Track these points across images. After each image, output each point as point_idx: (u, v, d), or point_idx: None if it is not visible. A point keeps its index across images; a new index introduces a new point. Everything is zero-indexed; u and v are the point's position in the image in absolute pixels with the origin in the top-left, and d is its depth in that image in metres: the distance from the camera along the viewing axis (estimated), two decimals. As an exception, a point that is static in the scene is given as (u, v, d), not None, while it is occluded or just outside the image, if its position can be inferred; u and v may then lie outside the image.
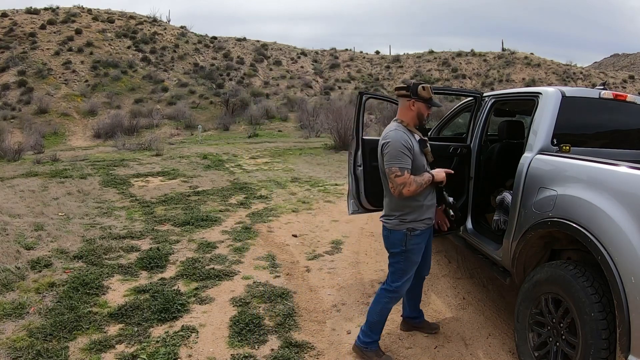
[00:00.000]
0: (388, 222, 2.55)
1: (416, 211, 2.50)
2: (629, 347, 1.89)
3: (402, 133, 2.43)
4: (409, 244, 2.49)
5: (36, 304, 3.18)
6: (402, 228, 2.49)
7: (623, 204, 2.01)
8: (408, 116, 2.53)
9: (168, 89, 24.07)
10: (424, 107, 2.52)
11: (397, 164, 2.37)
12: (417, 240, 2.52)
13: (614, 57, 63.31)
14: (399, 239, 2.50)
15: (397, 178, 2.37)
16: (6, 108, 19.06)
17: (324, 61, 34.63)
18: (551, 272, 2.36)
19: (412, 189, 2.38)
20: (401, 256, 2.52)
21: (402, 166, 2.37)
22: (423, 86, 2.48)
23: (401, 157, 2.37)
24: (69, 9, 28.81)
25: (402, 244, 2.50)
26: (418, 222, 2.51)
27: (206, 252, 4.33)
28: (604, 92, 3.05)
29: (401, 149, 2.38)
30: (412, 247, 2.51)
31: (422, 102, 2.50)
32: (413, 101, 2.49)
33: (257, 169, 9.45)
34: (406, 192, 2.38)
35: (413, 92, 2.48)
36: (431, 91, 2.50)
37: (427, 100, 2.50)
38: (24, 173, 8.34)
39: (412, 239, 2.50)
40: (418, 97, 2.48)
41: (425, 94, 2.48)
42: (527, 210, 2.66)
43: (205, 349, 2.71)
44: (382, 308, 2.61)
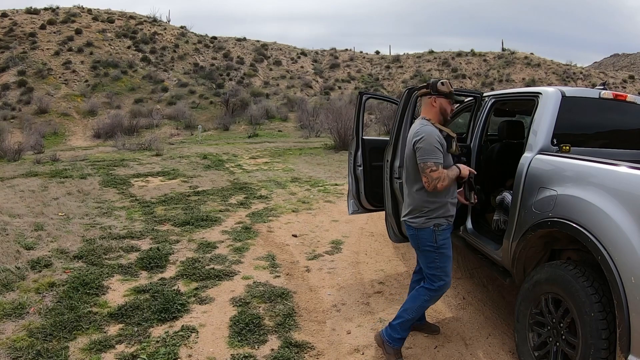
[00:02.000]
0: (414, 221, 2.53)
1: (441, 208, 2.50)
2: (629, 347, 1.89)
3: (434, 128, 2.46)
4: (439, 239, 2.49)
5: (36, 304, 3.17)
6: (430, 225, 2.48)
7: (623, 204, 2.01)
8: (431, 113, 2.54)
9: (168, 89, 24.07)
10: (446, 103, 2.54)
11: (433, 159, 2.37)
12: (445, 235, 2.53)
13: (614, 57, 63.32)
14: (428, 236, 2.50)
15: (433, 173, 2.37)
16: (6, 108, 19.06)
17: (324, 61, 34.63)
18: (551, 272, 2.36)
19: (446, 184, 2.41)
20: (435, 254, 2.51)
21: (437, 161, 2.39)
22: (442, 82, 2.51)
23: (435, 152, 2.39)
24: (69, 9, 28.82)
25: (432, 241, 2.49)
26: (444, 217, 2.52)
27: (206, 252, 4.33)
28: (604, 92, 3.05)
29: (435, 144, 2.39)
30: (442, 243, 2.51)
31: (443, 98, 2.52)
32: (434, 98, 2.51)
33: (257, 169, 9.45)
34: (440, 187, 2.39)
35: (433, 89, 2.51)
36: (451, 86, 2.52)
37: (448, 95, 2.52)
38: (24, 173, 8.34)
39: (441, 233, 2.50)
40: (438, 93, 2.50)
41: (445, 88, 2.50)
42: (527, 210, 2.66)
43: (205, 349, 2.71)
44: (421, 306, 2.61)
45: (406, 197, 2.63)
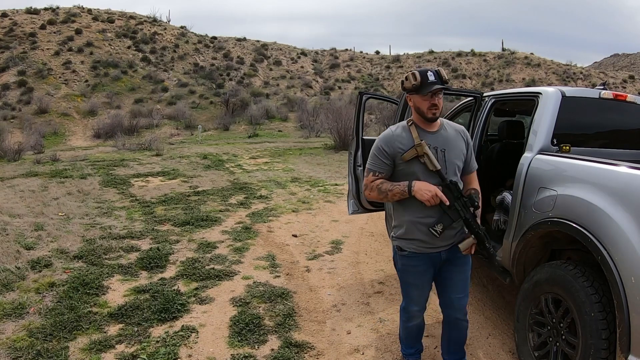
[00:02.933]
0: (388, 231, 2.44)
1: (402, 227, 2.15)
2: (629, 347, 1.89)
3: (390, 133, 2.12)
4: (398, 262, 2.23)
5: (36, 304, 3.17)
6: (394, 244, 2.22)
7: (623, 204, 2.01)
8: (413, 113, 2.17)
9: (168, 89, 24.07)
10: (419, 99, 2.07)
11: (369, 164, 2.14)
12: (408, 262, 2.18)
13: (614, 57, 63.33)
14: (393, 253, 2.27)
15: (365, 178, 2.15)
16: (6, 108, 19.06)
17: (324, 61, 34.62)
18: (551, 272, 2.36)
19: (372, 195, 2.11)
20: (398, 273, 2.29)
21: (369, 167, 2.13)
22: (406, 76, 2.08)
23: (372, 157, 2.12)
24: (69, 9, 28.81)
25: (395, 260, 2.26)
26: (407, 240, 2.14)
27: (206, 252, 4.33)
28: (604, 92, 3.05)
29: (375, 149, 2.11)
30: (401, 267, 2.22)
31: (414, 94, 2.07)
32: (409, 97, 2.15)
33: (257, 169, 9.45)
34: (367, 196, 2.15)
35: (403, 87, 2.13)
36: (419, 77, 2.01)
37: (415, 90, 2.03)
38: (24, 173, 8.34)
39: (400, 258, 2.20)
40: (407, 90, 2.10)
41: (408, 84, 2.05)
42: (527, 210, 2.66)
43: (205, 349, 2.71)
44: (402, 326, 2.45)
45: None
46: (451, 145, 2.13)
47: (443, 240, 2.10)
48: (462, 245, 2.09)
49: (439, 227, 2.05)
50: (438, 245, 2.12)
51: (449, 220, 2.05)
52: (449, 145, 2.12)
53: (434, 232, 2.04)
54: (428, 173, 2.05)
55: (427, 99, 2.03)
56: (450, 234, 2.12)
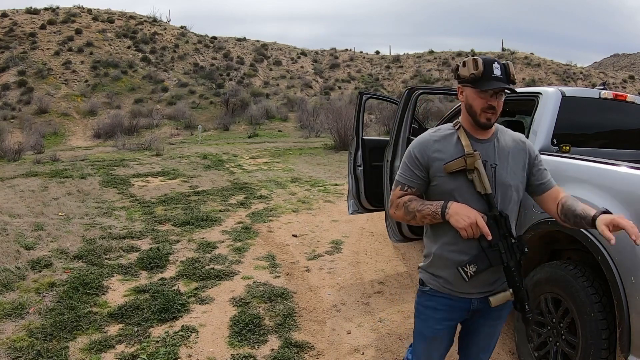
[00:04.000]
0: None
1: (429, 257, 1.65)
2: (629, 347, 1.89)
3: (428, 138, 1.62)
4: (417, 300, 1.72)
5: (36, 304, 3.17)
6: (420, 276, 1.72)
7: (623, 204, 2.01)
8: (462, 113, 1.64)
9: (168, 89, 24.07)
10: (474, 95, 1.55)
11: (397, 175, 1.67)
12: (426, 301, 1.66)
13: (614, 57, 63.35)
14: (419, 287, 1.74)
15: (391, 192, 1.68)
16: (6, 108, 19.06)
17: (324, 61, 34.63)
18: (551, 272, 2.36)
19: (397, 215, 1.64)
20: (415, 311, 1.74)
21: (398, 179, 1.65)
22: (465, 61, 1.57)
23: (403, 167, 1.64)
24: (69, 9, 28.81)
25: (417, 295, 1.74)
26: (430, 275, 1.65)
27: (206, 252, 4.33)
28: (604, 92, 3.05)
29: (407, 157, 1.64)
30: (417, 307, 1.71)
31: (469, 87, 1.56)
32: (459, 87, 1.62)
33: (257, 169, 9.45)
34: (391, 213, 1.69)
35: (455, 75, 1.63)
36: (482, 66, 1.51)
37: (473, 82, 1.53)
38: (24, 173, 8.34)
39: (419, 295, 1.70)
40: (460, 79, 1.59)
41: (465, 70, 1.55)
42: (527, 210, 2.66)
43: (205, 349, 2.71)
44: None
45: None
46: (506, 159, 1.60)
47: (475, 286, 1.57)
48: (494, 300, 1.54)
49: (471, 268, 1.51)
50: (468, 291, 1.59)
51: (485, 263, 1.51)
52: (502, 159, 1.59)
53: (463, 274, 1.51)
54: (473, 196, 1.53)
55: (485, 97, 1.53)
56: (487, 280, 1.58)
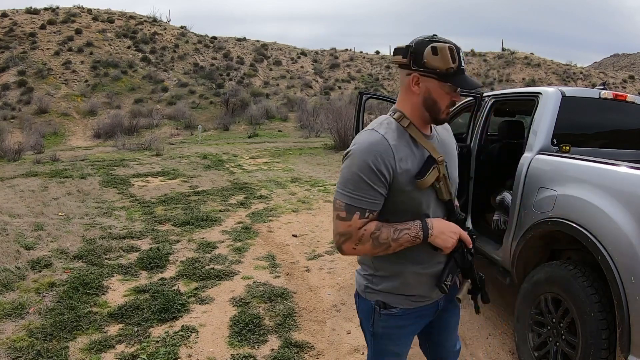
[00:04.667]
0: (356, 279, 1.52)
1: (395, 279, 1.39)
2: (629, 347, 1.89)
3: (383, 141, 1.26)
4: (377, 324, 1.44)
5: (36, 304, 3.17)
6: (370, 298, 1.43)
7: (623, 204, 2.01)
8: (408, 105, 1.33)
9: (168, 89, 24.07)
10: (442, 90, 1.29)
11: (346, 197, 1.26)
12: (392, 323, 1.44)
13: (614, 57, 63.34)
14: (365, 311, 1.47)
15: (339, 222, 1.28)
16: (6, 108, 19.06)
17: (324, 61, 34.62)
18: (551, 272, 2.36)
19: (364, 250, 1.30)
20: (369, 340, 1.50)
21: (351, 203, 1.25)
22: (434, 46, 1.23)
23: (355, 185, 1.25)
24: (69, 9, 28.81)
25: (369, 321, 1.46)
26: (398, 296, 1.41)
27: (206, 252, 4.34)
28: (604, 92, 3.05)
29: (360, 170, 1.24)
30: (382, 331, 1.45)
31: (434, 79, 1.27)
32: (416, 76, 1.28)
33: (257, 169, 9.45)
34: (348, 251, 1.30)
35: (415, 60, 1.26)
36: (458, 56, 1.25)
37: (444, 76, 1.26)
38: (24, 173, 8.34)
39: (383, 319, 1.42)
40: (425, 68, 1.25)
41: (439, 61, 1.23)
42: (527, 210, 2.66)
43: (205, 349, 2.71)
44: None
45: None
46: (450, 154, 1.45)
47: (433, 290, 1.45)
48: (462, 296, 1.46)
49: (449, 279, 1.40)
50: (439, 296, 1.48)
51: (455, 268, 1.41)
52: (448, 155, 1.41)
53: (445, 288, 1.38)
54: (437, 204, 1.36)
55: (452, 93, 1.30)
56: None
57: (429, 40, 1.26)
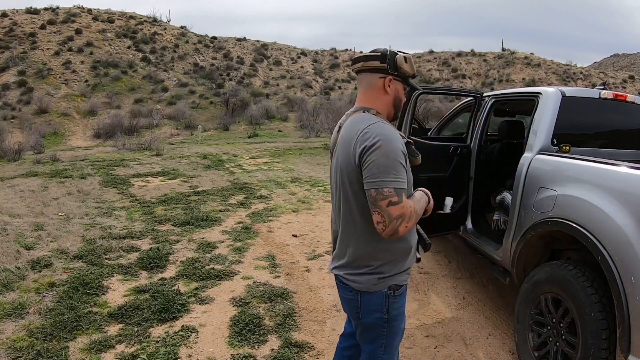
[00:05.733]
0: (356, 280, 1.57)
1: (403, 258, 1.58)
2: (629, 347, 1.89)
3: (392, 127, 1.52)
4: (392, 308, 1.57)
5: (36, 304, 3.17)
6: (383, 287, 1.55)
7: (623, 204, 2.01)
8: (381, 103, 1.59)
9: (168, 89, 24.07)
10: (402, 90, 1.63)
11: (393, 182, 1.41)
12: (402, 301, 1.62)
13: (614, 57, 63.34)
14: (377, 304, 1.56)
15: (392, 207, 1.40)
16: (6, 108, 19.04)
17: (324, 61, 34.61)
18: (551, 272, 2.36)
19: (411, 226, 1.48)
20: (382, 328, 1.60)
21: (400, 186, 1.43)
22: (405, 56, 1.57)
23: (398, 171, 1.43)
24: (69, 9, 28.80)
25: (382, 310, 1.56)
26: (402, 273, 1.59)
27: (206, 252, 4.33)
28: (604, 92, 3.05)
29: (398, 156, 1.44)
30: (397, 313, 1.60)
31: (400, 82, 1.61)
32: (390, 79, 1.57)
33: (257, 169, 9.44)
34: (402, 231, 1.44)
35: (392, 65, 1.54)
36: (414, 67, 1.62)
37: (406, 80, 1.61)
38: (24, 173, 8.34)
39: (397, 299, 1.58)
40: (398, 73, 1.56)
41: (409, 68, 1.57)
42: (527, 210, 2.66)
43: (205, 349, 2.71)
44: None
45: (342, 237, 1.63)
46: None
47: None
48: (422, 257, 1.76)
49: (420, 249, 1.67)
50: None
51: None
52: None
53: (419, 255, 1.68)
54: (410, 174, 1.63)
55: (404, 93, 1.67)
56: None
57: (397, 51, 1.57)
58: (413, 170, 1.61)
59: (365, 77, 1.61)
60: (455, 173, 3.43)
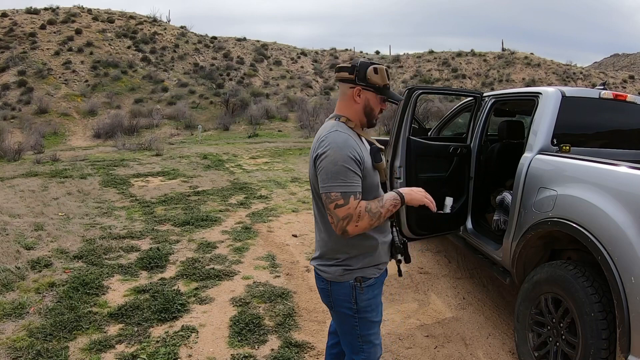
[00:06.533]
0: (325, 271, 1.71)
1: (370, 254, 1.70)
2: (629, 347, 1.89)
3: (347, 136, 1.61)
4: (360, 299, 1.69)
5: (36, 304, 3.18)
6: (349, 279, 1.68)
7: (623, 204, 2.01)
8: (351, 110, 1.70)
9: (168, 89, 24.06)
10: (375, 100, 1.70)
11: (340, 187, 1.54)
12: (372, 292, 1.72)
13: (614, 57, 63.33)
14: (345, 294, 1.70)
15: (338, 209, 1.54)
16: (6, 108, 19.04)
17: (324, 61, 34.61)
18: (551, 272, 2.36)
19: (364, 225, 1.57)
20: (354, 319, 1.72)
21: (346, 190, 1.54)
22: (375, 67, 1.65)
23: (345, 176, 1.54)
24: (69, 9, 28.80)
25: (350, 301, 1.70)
26: (371, 267, 1.71)
27: (206, 252, 4.33)
28: (604, 92, 3.05)
29: (346, 162, 1.55)
30: (366, 304, 1.71)
31: (371, 92, 1.68)
32: (359, 89, 1.67)
33: (257, 169, 9.44)
34: (352, 230, 1.56)
35: (360, 76, 1.65)
36: (387, 76, 1.69)
37: (379, 90, 1.68)
38: (24, 173, 8.34)
39: (365, 291, 1.69)
40: (367, 83, 1.66)
41: (379, 79, 1.66)
42: (527, 210, 2.66)
43: (205, 349, 2.71)
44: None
45: (316, 233, 1.81)
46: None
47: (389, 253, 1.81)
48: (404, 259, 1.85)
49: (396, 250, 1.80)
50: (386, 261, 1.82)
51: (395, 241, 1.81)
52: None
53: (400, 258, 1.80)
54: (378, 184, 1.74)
55: (381, 102, 1.73)
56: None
57: (370, 62, 1.67)
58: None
59: (340, 86, 1.75)
60: (455, 173, 3.43)
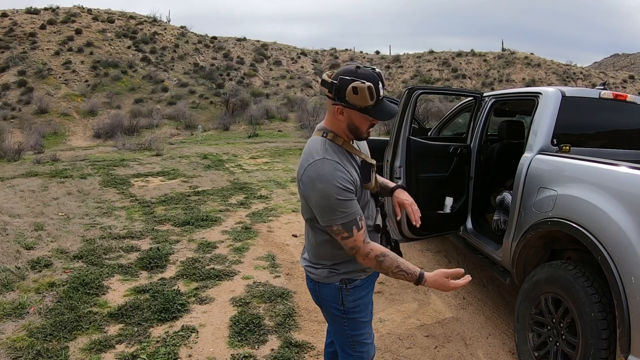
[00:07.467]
0: (312, 272, 1.74)
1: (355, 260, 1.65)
2: (629, 347, 1.89)
3: (334, 164, 1.50)
4: (347, 301, 1.71)
5: (36, 304, 3.18)
6: (334, 280, 1.70)
7: (623, 204, 2.01)
8: (336, 127, 1.59)
9: (168, 89, 24.06)
10: (360, 118, 1.54)
11: (339, 219, 1.50)
12: (357, 294, 1.73)
13: (614, 57, 63.34)
14: (332, 295, 1.72)
15: (345, 241, 1.53)
16: (6, 108, 19.04)
17: (324, 61, 34.62)
18: (551, 272, 2.36)
19: (369, 264, 1.58)
20: (342, 319, 1.75)
21: (346, 220, 1.50)
22: (355, 87, 1.44)
23: (342, 207, 1.49)
24: (69, 9, 28.80)
25: (337, 302, 1.72)
26: (357, 272, 1.71)
27: (206, 252, 4.33)
28: (604, 92, 3.05)
29: (339, 194, 1.48)
30: (353, 305, 1.72)
31: (357, 111, 1.51)
32: (340, 108, 1.52)
33: (257, 169, 9.44)
34: (360, 262, 1.59)
35: (339, 96, 1.48)
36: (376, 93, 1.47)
37: (362, 110, 1.49)
38: (24, 173, 8.34)
39: (351, 293, 1.70)
40: (347, 103, 1.49)
41: (358, 100, 1.46)
42: (527, 210, 2.66)
43: (205, 349, 2.71)
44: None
45: (305, 234, 1.82)
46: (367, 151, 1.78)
47: None
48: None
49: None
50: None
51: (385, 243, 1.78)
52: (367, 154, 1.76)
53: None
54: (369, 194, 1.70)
55: (369, 119, 1.55)
56: None
57: (351, 79, 1.46)
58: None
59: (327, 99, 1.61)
60: (455, 173, 3.43)
